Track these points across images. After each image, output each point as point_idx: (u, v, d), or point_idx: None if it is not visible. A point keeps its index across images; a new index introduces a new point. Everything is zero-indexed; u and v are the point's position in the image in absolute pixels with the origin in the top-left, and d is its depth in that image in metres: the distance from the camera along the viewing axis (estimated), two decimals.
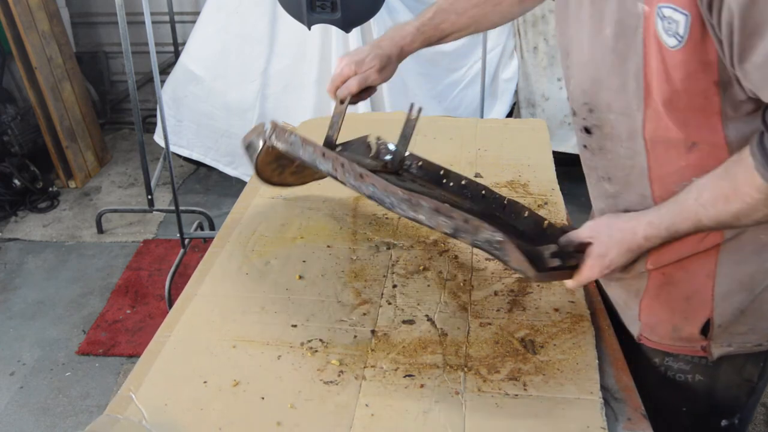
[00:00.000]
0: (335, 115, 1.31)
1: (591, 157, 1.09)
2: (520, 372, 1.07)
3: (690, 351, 1.10)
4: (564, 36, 1.07)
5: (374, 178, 1.08)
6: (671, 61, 0.85)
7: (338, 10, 2.75)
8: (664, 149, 0.95)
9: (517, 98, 3.52)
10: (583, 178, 1.19)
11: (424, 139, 1.90)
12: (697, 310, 1.06)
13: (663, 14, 0.83)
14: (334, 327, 1.18)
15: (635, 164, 1.00)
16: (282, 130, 1.22)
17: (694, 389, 1.13)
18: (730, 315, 1.04)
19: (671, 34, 0.83)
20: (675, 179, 0.97)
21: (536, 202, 1.56)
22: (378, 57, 1.27)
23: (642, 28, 0.87)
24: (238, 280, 1.29)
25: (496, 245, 0.99)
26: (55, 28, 3.84)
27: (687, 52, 0.83)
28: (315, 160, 1.17)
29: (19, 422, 2.38)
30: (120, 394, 1.03)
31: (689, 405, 1.15)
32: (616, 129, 0.99)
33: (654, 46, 0.86)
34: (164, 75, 3.67)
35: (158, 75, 2.72)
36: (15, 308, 2.96)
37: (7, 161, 3.68)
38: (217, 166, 3.54)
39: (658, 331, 1.11)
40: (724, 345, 1.07)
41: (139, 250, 3.33)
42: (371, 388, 1.05)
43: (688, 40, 0.82)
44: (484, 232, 0.99)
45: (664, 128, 0.92)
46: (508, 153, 1.82)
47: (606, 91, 0.97)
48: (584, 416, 0.99)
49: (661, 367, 1.14)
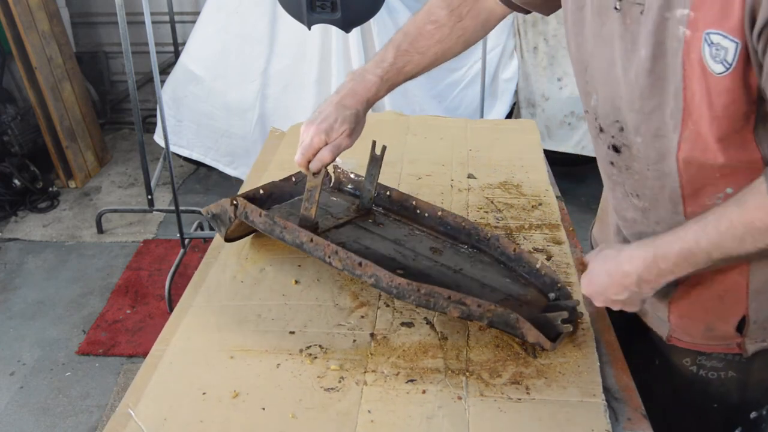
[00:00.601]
0: (311, 189, 1.25)
1: (618, 174, 1.07)
2: (521, 376, 1.06)
3: (724, 349, 1.08)
4: (581, 51, 1.04)
5: (375, 267, 1.11)
6: (716, 87, 0.84)
7: (338, 10, 2.75)
8: (698, 169, 0.94)
9: (517, 98, 3.52)
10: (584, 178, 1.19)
11: (415, 138, 1.90)
12: (731, 309, 1.05)
13: (711, 41, 0.81)
14: (332, 332, 1.17)
15: (664, 185, 0.98)
16: (253, 209, 1.24)
17: (726, 386, 1.12)
18: (766, 311, 1.03)
19: (719, 60, 0.82)
20: (709, 192, 0.96)
21: (530, 203, 1.56)
22: (347, 120, 1.19)
23: (682, 52, 0.85)
24: (233, 289, 1.28)
25: (513, 324, 1.08)
26: (55, 28, 3.83)
27: (733, 79, 0.82)
28: (302, 245, 1.20)
29: (19, 422, 2.38)
30: (118, 411, 1.02)
31: (720, 401, 1.14)
32: (642, 152, 0.98)
33: (697, 71, 0.84)
34: (164, 75, 3.67)
35: (158, 75, 2.72)
36: (15, 308, 2.96)
37: (7, 161, 3.68)
38: (217, 166, 3.54)
39: (691, 331, 1.10)
40: (759, 341, 1.06)
41: (139, 250, 3.33)
42: (373, 394, 1.04)
43: (735, 67, 0.81)
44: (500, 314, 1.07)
45: (701, 150, 0.91)
46: (499, 154, 1.81)
47: (637, 113, 0.95)
48: (588, 419, 0.98)
49: (693, 366, 1.12)
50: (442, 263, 1.28)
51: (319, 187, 1.23)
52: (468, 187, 1.64)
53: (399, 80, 1.26)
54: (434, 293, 1.07)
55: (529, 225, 1.47)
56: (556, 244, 1.40)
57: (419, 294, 1.08)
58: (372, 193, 1.42)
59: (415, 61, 1.24)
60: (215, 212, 1.31)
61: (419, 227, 1.39)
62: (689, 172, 0.95)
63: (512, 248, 1.28)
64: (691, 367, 1.12)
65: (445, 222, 1.38)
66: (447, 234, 1.37)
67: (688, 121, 0.89)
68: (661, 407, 1.06)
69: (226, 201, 1.27)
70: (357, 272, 1.13)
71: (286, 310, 1.23)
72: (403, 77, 1.26)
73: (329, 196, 1.49)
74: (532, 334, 1.07)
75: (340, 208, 1.43)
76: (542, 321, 1.09)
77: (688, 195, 0.97)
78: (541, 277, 1.23)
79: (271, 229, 1.23)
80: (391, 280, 1.09)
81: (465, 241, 1.35)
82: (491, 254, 1.31)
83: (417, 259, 1.28)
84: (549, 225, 1.47)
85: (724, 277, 1.03)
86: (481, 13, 1.25)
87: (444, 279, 1.22)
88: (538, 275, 1.23)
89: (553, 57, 3.38)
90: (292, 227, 1.20)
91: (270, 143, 1.95)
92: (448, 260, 1.29)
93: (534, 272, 1.24)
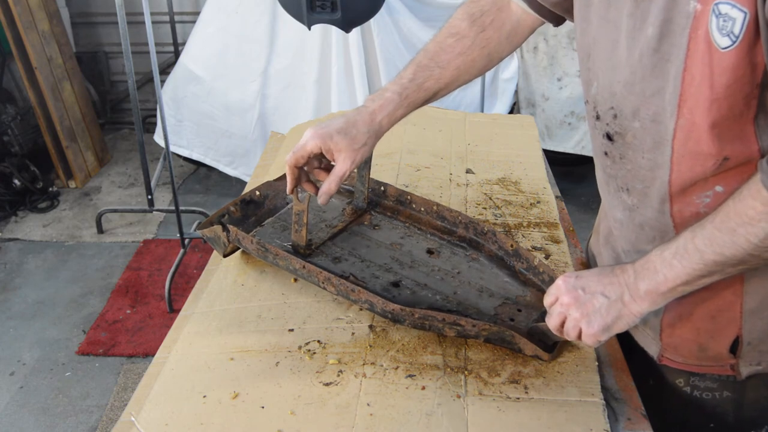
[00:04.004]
0: (298, 212, 1.24)
1: (611, 165, 1.04)
2: (520, 375, 1.06)
3: (718, 370, 1.06)
4: (585, 36, 1.02)
5: (369, 294, 1.14)
6: (719, 64, 0.81)
7: (338, 10, 2.75)
8: (690, 163, 0.91)
9: (517, 98, 3.52)
10: (584, 178, 1.18)
11: (414, 129, 1.90)
12: (724, 329, 1.02)
13: (719, 11, 0.79)
14: (331, 326, 1.18)
15: (656, 176, 0.96)
16: (245, 236, 1.26)
17: (722, 406, 1.09)
18: (759, 332, 1.01)
19: (725, 33, 0.79)
20: (698, 190, 0.93)
21: (528, 201, 1.56)
22: (348, 135, 1.12)
23: (689, 29, 0.83)
24: (234, 293, 1.28)
25: (509, 339, 1.09)
26: (55, 28, 3.83)
27: (738, 55, 0.80)
28: (295, 271, 1.24)
29: (19, 422, 2.38)
30: (121, 419, 1.02)
31: (717, 421, 1.11)
32: (638, 138, 0.95)
33: (702, 47, 0.82)
34: (164, 75, 3.67)
35: (158, 75, 2.72)
36: (15, 308, 2.96)
37: (7, 161, 3.68)
38: (217, 166, 3.54)
39: (682, 351, 1.07)
40: (753, 364, 1.03)
41: (139, 250, 3.33)
42: (372, 387, 1.04)
43: (742, 40, 0.78)
44: (495, 332, 1.08)
45: (695, 140, 0.88)
46: (497, 149, 1.81)
47: (636, 95, 0.93)
48: (587, 419, 0.98)
49: (687, 387, 1.09)
50: (439, 268, 1.28)
51: (306, 210, 1.23)
52: (466, 182, 1.64)
53: (419, 98, 1.18)
54: (428, 316, 1.09)
55: (527, 223, 1.47)
56: (555, 242, 1.40)
57: (414, 318, 1.10)
58: (365, 194, 1.42)
59: (436, 75, 1.17)
60: (210, 236, 1.32)
61: (415, 225, 1.40)
62: (681, 165, 0.92)
63: (509, 244, 1.28)
64: (684, 387, 1.10)
65: (441, 216, 1.38)
66: (444, 230, 1.37)
67: (684, 107, 0.87)
68: (657, 427, 1.04)
69: (218, 227, 1.28)
70: (351, 298, 1.16)
71: (285, 309, 1.23)
72: (423, 94, 1.18)
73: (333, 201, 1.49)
74: (528, 348, 1.08)
75: (335, 212, 1.43)
76: (539, 331, 1.09)
77: (676, 192, 0.95)
78: (539, 274, 1.23)
79: (264, 256, 1.27)
80: (385, 306, 1.11)
81: (462, 235, 1.35)
82: (489, 249, 1.31)
83: (414, 266, 1.28)
84: (547, 223, 1.47)
85: (717, 296, 1.00)
86: (506, 23, 1.19)
87: (441, 288, 1.23)
88: (536, 272, 1.23)
89: (553, 57, 3.38)
90: (284, 255, 1.22)
91: (270, 147, 1.95)
92: (445, 263, 1.29)
93: (532, 268, 1.24)
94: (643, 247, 1.03)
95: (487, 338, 1.10)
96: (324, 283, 1.19)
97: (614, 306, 0.94)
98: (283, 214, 1.44)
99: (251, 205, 1.43)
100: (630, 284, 0.93)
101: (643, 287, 0.92)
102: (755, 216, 0.81)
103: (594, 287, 0.96)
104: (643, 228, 1.03)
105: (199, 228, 1.34)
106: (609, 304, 0.95)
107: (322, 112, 3.21)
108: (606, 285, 0.95)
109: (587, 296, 0.96)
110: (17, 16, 3.50)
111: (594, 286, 0.96)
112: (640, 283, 0.92)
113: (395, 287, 1.22)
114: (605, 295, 0.95)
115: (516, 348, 1.09)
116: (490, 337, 1.10)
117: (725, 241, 0.84)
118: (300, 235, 1.27)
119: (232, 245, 1.31)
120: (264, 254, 1.26)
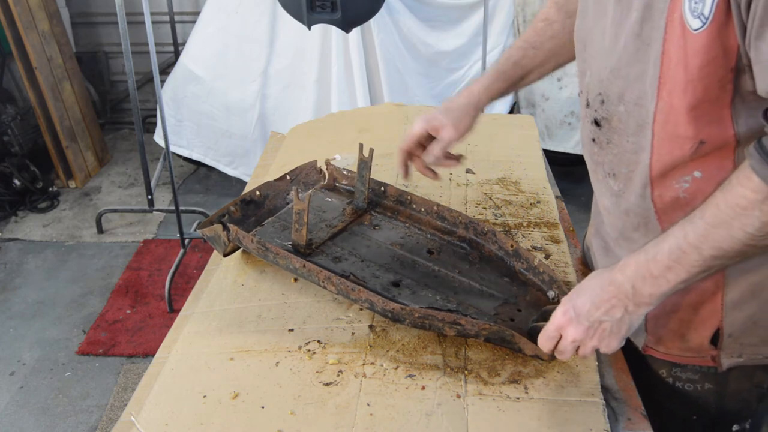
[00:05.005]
0: (299, 212, 1.25)
1: (599, 152, 1.07)
2: (520, 375, 1.07)
3: (699, 361, 1.08)
4: (582, 27, 1.06)
5: (368, 293, 1.14)
6: (692, 46, 0.83)
7: (338, 10, 2.75)
8: (669, 147, 0.93)
9: (517, 98, 3.52)
10: (584, 178, 1.18)
11: None
12: (705, 320, 1.04)
13: None
14: (331, 326, 1.18)
15: (639, 160, 0.98)
16: (245, 236, 1.26)
17: (704, 398, 1.11)
18: (741, 325, 1.02)
19: (696, 15, 0.82)
20: (677, 174, 0.95)
21: (528, 201, 1.56)
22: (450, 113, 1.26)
23: (667, 12, 0.86)
24: (234, 293, 1.28)
25: (509, 339, 1.09)
26: (55, 28, 3.83)
27: (709, 36, 0.82)
28: (295, 270, 1.23)
29: (19, 422, 2.38)
30: (121, 419, 1.02)
31: (699, 413, 1.13)
32: (624, 122, 0.98)
33: (678, 30, 0.84)
34: (164, 75, 3.67)
35: (158, 75, 2.72)
36: (15, 308, 2.96)
37: (7, 161, 3.68)
38: (217, 166, 3.54)
39: (665, 341, 1.09)
40: (734, 356, 1.05)
41: (139, 250, 3.33)
42: (372, 387, 1.04)
43: (712, 21, 0.80)
44: (495, 332, 1.08)
45: (673, 123, 0.90)
46: (498, 149, 1.81)
47: (622, 80, 0.95)
48: (587, 419, 0.98)
49: (669, 378, 1.12)
50: (440, 268, 1.28)
51: (306, 210, 1.24)
52: (467, 182, 1.64)
53: (516, 74, 1.27)
54: (429, 316, 1.09)
55: (527, 223, 1.47)
56: (555, 242, 1.40)
57: (414, 317, 1.10)
58: (365, 194, 1.42)
59: (530, 55, 1.25)
60: (210, 235, 1.32)
61: (416, 225, 1.40)
62: (661, 148, 0.94)
63: (509, 244, 1.28)
64: (667, 378, 1.12)
65: (441, 216, 1.38)
66: (444, 230, 1.37)
67: (663, 90, 0.89)
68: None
69: (218, 226, 1.28)
70: (351, 297, 1.16)
71: (285, 309, 1.23)
72: (519, 71, 1.26)
73: (324, 197, 1.49)
74: (528, 348, 1.08)
75: (335, 211, 1.43)
76: (539, 331, 1.09)
77: (657, 176, 0.96)
78: (539, 274, 1.23)
79: (264, 255, 1.27)
80: (386, 305, 1.11)
81: (462, 235, 1.35)
82: (489, 249, 1.31)
83: (414, 266, 1.28)
84: (547, 223, 1.47)
85: (699, 287, 1.01)
86: None
87: (441, 287, 1.23)
88: (536, 272, 1.23)
89: None
90: (284, 254, 1.22)
91: (270, 147, 1.95)
92: (446, 263, 1.29)
93: (532, 268, 1.24)
94: (630, 235, 1.06)
95: (487, 338, 1.10)
96: (324, 282, 1.19)
97: (622, 321, 0.95)
98: (283, 213, 1.44)
99: (251, 205, 1.43)
100: (629, 295, 0.93)
101: (646, 292, 0.92)
102: (747, 205, 0.80)
103: (596, 314, 0.95)
104: (628, 214, 1.05)
105: (200, 227, 1.34)
106: (617, 322, 0.95)
107: (322, 112, 3.21)
108: (608, 309, 0.94)
109: (595, 325, 0.96)
110: (17, 16, 3.50)
111: (595, 314, 0.95)
112: (643, 290, 0.92)
113: (395, 287, 1.22)
114: (610, 317, 0.94)
115: (516, 348, 1.09)
116: (490, 337, 1.10)
117: (722, 235, 0.83)
118: (300, 235, 1.27)
119: (232, 244, 1.31)
120: (264, 253, 1.26)
